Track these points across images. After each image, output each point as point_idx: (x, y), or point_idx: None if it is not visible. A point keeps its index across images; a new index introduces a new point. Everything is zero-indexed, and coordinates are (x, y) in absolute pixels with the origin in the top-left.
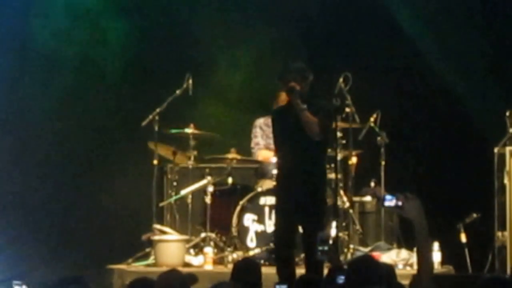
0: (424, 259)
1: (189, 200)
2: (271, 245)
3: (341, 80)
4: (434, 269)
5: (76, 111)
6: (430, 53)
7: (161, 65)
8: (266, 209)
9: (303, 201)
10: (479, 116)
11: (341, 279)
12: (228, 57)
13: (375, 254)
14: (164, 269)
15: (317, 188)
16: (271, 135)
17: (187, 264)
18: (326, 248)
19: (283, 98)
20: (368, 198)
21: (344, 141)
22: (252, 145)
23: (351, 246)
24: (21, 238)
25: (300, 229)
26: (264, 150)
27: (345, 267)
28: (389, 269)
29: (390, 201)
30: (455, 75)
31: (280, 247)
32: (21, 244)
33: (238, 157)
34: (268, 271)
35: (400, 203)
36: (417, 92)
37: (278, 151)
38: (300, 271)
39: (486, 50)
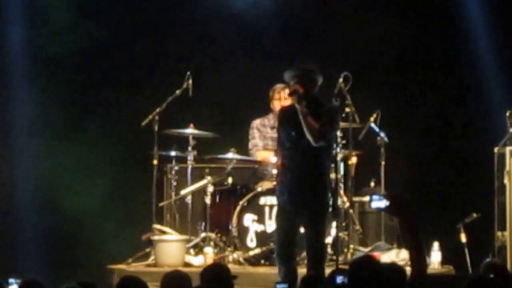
0: (418, 260)
1: (189, 200)
2: (271, 245)
3: (341, 80)
4: (435, 269)
5: (75, 111)
6: (430, 53)
7: (161, 65)
8: (266, 209)
9: (305, 201)
10: (480, 116)
11: (339, 279)
12: (228, 57)
13: (375, 254)
14: (165, 269)
15: (320, 188)
16: (268, 135)
17: (187, 264)
18: None
19: (280, 96)
20: (368, 198)
21: (344, 141)
22: (250, 146)
23: (351, 246)
24: (20, 238)
25: (302, 229)
26: (262, 151)
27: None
28: (401, 271)
29: (377, 202)
30: (454, 75)
31: (281, 245)
32: (21, 244)
33: (238, 157)
34: (268, 271)
35: (388, 204)
36: (417, 92)
37: (281, 149)
38: (301, 270)
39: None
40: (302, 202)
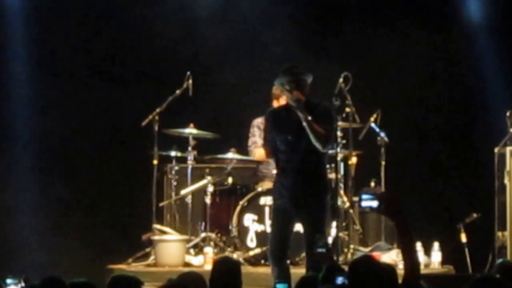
0: (410, 259)
1: (189, 200)
2: None
3: (341, 80)
4: (435, 269)
5: (75, 111)
6: (430, 53)
7: (161, 65)
8: (266, 209)
9: (306, 202)
10: (480, 116)
11: (340, 280)
12: (228, 57)
13: (375, 254)
14: (165, 269)
15: (321, 189)
16: None
17: (187, 264)
18: (324, 250)
19: (283, 96)
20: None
21: (344, 141)
22: (249, 143)
23: (351, 246)
24: (20, 238)
25: (301, 229)
26: (260, 148)
27: (346, 268)
28: (392, 270)
29: (368, 201)
30: (455, 75)
31: (278, 246)
32: (21, 244)
33: (238, 157)
34: (268, 271)
35: (377, 203)
36: (417, 92)
37: (276, 152)
38: (301, 270)
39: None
40: (303, 203)
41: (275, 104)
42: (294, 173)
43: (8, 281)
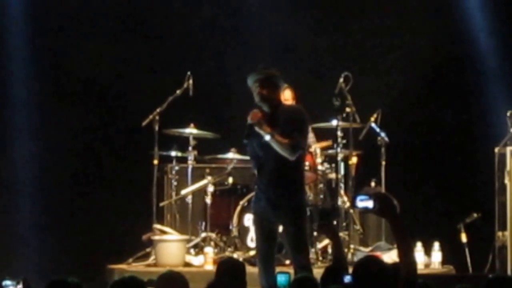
0: (407, 259)
1: (190, 200)
2: None
3: (341, 80)
4: (436, 269)
5: (75, 110)
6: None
7: (161, 65)
8: None
9: (284, 201)
10: (480, 116)
11: (347, 278)
12: (228, 57)
13: (376, 254)
14: (165, 269)
15: (297, 186)
16: None
17: (187, 264)
18: (326, 222)
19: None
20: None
21: (344, 141)
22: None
23: (352, 246)
24: (20, 238)
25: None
26: None
27: (349, 267)
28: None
29: (364, 202)
30: (455, 75)
31: (266, 249)
32: (21, 244)
33: (238, 157)
34: None
35: (372, 204)
36: (417, 92)
37: (254, 161)
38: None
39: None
40: (281, 203)
41: (282, 98)
42: (270, 175)
43: (7, 282)
